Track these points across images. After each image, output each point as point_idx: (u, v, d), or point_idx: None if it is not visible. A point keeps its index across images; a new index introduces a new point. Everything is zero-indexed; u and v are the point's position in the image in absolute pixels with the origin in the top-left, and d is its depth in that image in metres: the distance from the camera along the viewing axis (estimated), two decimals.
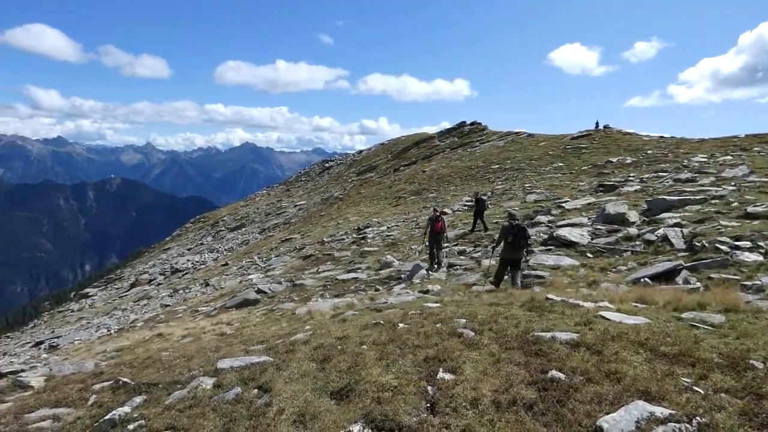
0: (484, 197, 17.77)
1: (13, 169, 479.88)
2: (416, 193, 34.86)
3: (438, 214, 12.97)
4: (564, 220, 14.87)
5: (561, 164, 30.84)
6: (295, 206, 49.60)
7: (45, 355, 15.27)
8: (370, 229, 23.44)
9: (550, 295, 6.81)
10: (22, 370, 11.39)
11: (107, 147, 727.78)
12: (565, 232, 12.64)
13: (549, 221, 15.14)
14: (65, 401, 5.95)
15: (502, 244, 9.40)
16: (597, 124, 42.36)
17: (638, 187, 18.71)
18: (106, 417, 4.64)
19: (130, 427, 4.40)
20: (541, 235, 13.56)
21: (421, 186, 36.78)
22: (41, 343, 19.68)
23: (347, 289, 13.04)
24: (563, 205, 17.12)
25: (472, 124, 58.56)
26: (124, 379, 6.04)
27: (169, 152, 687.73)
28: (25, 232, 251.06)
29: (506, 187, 26.78)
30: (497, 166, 35.37)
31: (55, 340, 19.22)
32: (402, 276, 13.06)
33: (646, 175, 21.36)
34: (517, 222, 9.19)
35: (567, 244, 12.09)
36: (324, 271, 16.38)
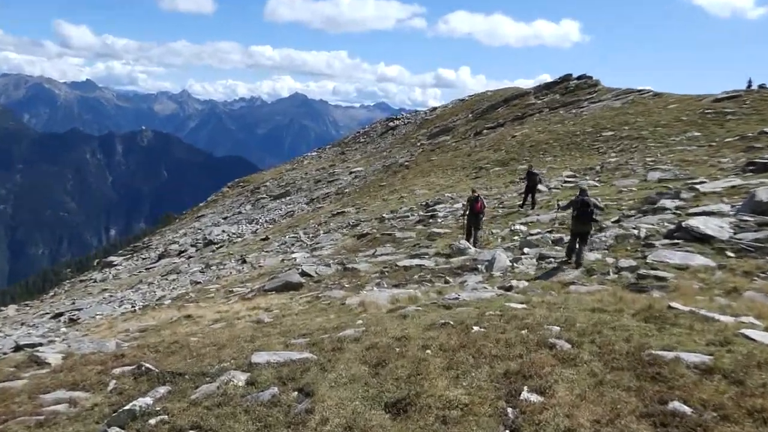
0: (536, 171, 19.70)
1: (39, 116, 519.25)
2: (502, 164, 34.10)
3: (477, 195, 15.59)
4: (697, 206, 14.07)
5: (697, 134, 28.93)
6: (351, 173, 50.22)
7: (64, 329, 16.66)
8: (442, 206, 23.27)
9: (673, 303, 6.57)
10: (40, 344, 12.47)
11: (139, 93, 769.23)
12: (698, 223, 11.93)
13: (677, 207, 14.36)
14: (83, 384, 6.43)
15: (570, 215, 11.80)
16: (750, 83, 39.29)
17: None
18: (126, 407, 4.95)
19: (152, 421, 4.67)
20: (666, 224, 12.88)
21: (509, 155, 35.89)
22: (61, 315, 21.49)
23: (409, 278, 13.06)
24: (697, 187, 16.16)
25: (579, 77, 56.10)
26: (148, 365, 6.42)
27: (207, 102, 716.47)
28: (49, 187, 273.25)
29: (621, 161, 25.53)
30: (611, 133, 33.78)
31: (76, 312, 20.90)
32: (479, 266, 12.89)
33: None
34: (582, 197, 11.31)
35: (700, 239, 11.42)
36: (382, 255, 16.51)
